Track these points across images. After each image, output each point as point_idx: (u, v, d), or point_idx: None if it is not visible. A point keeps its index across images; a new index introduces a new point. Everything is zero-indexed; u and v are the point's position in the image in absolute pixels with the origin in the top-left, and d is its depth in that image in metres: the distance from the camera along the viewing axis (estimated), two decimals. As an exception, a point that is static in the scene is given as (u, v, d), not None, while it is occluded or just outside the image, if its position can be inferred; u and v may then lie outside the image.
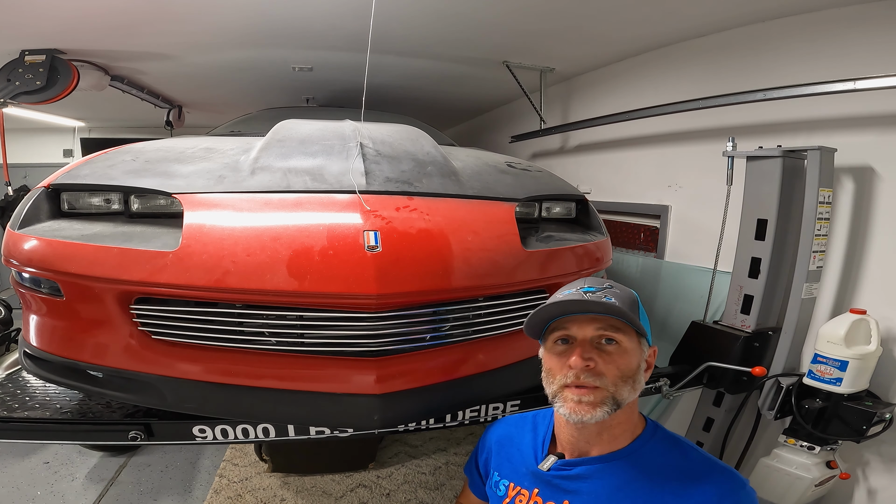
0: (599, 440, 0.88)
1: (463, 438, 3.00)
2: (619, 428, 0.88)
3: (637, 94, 2.62)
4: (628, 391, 0.84)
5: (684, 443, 0.90)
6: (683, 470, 0.84)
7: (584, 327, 0.86)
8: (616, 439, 0.88)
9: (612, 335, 0.85)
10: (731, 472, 0.84)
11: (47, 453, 2.78)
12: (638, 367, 0.86)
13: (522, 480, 0.95)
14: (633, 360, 0.85)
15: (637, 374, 0.86)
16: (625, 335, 0.85)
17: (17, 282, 1.29)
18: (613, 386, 0.83)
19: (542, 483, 0.92)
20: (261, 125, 2.25)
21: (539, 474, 0.92)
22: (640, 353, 0.87)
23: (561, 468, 0.90)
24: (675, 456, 0.86)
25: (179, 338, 1.18)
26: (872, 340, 1.46)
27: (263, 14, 2.20)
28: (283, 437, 1.32)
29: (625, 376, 0.84)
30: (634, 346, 0.86)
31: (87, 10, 2.09)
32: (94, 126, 5.55)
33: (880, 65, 1.51)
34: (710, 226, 2.03)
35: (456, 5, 2.07)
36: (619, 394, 0.83)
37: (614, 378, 0.83)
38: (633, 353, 0.86)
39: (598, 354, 0.84)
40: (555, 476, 0.90)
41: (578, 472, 0.88)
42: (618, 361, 0.84)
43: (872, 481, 1.61)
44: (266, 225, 1.17)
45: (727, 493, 0.80)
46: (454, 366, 1.30)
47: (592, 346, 0.85)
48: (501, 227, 1.35)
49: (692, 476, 0.82)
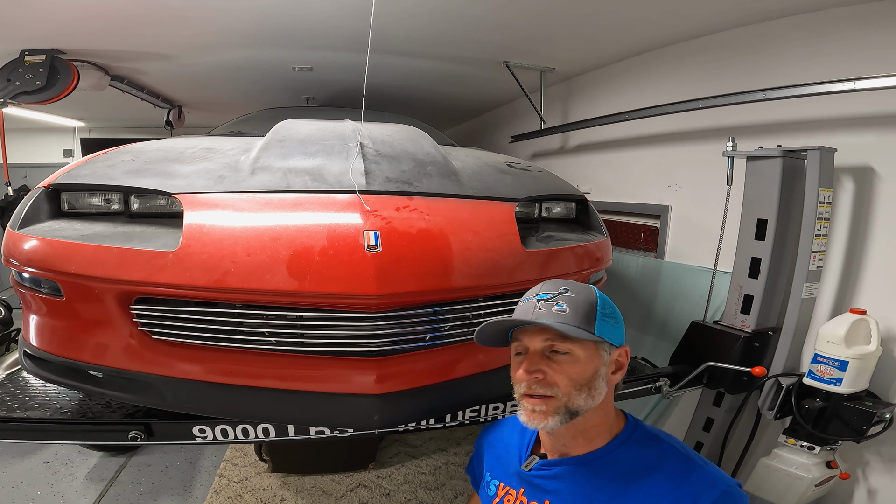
0: (575, 442, 0.89)
1: (463, 438, 3.00)
2: (593, 430, 0.89)
3: (637, 94, 2.62)
4: (584, 399, 0.84)
5: (665, 441, 0.89)
6: (658, 470, 0.83)
7: (533, 339, 0.86)
8: (593, 441, 0.89)
9: (559, 346, 0.85)
10: (708, 472, 0.82)
11: (47, 453, 2.78)
12: (594, 374, 0.85)
13: (510, 480, 0.97)
14: (587, 367, 0.85)
15: (593, 381, 0.85)
16: (575, 344, 0.84)
17: (17, 282, 1.29)
18: (566, 396, 0.83)
19: (525, 483, 0.93)
20: (261, 125, 2.25)
21: (523, 474, 0.94)
22: (598, 358, 0.86)
23: (542, 468, 0.92)
24: (652, 455, 0.86)
25: (179, 338, 1.18)
26: (872, 340, 1.46)
27: (263, 14, 2.20)
28: (283, 437, 1.32)
29: (578, 384, 0.83)
30: (589, 353, 0.85)
31: (86, 10, 2.09)
32: (94, 126, 5.54)
33: (880, 65, 1.51)
34: (710, 226, 2.03)
35: (456, 5, 2.07)
36: (572, 403, 0.83)
37: (566, 387, 0.83)
38: (588, 361, 0.85)
39: (547, 365, 0.85)
40: (536, 476, 0.92)
41: (557, 472, 0.89)
42: (569, 371, 0.84)
43: (872, 481, 1.61)
44: (266, 225, 1.17)
45: (700, 494, 0.78)
46: (454, 366, 1.30)
47: (542, 357, 0.86)
48: (501, 227, 1.35)
49: (667, 477, 0.82)
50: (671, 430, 2.20)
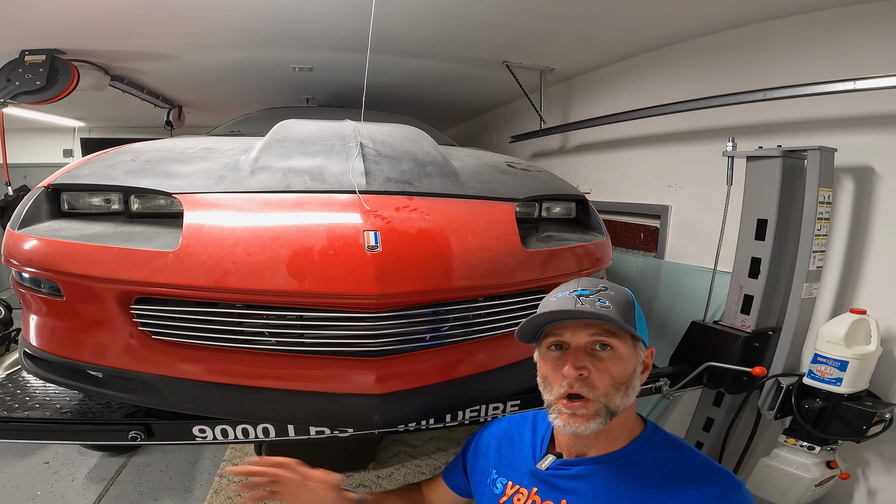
0: (597, 443, 0.89)
1: (463, 438, 2.98)
2: (616, 431, 0.88)
3: (637, 94, 2.62)
4: (621, 398, 0.83)
5: (682, 444, 0.90)
6: (680, 471, 0.83)
7: (577, 333, 0.85)
8: (614, 441, 0.88)
9: (607, 340, 0.84)
10: (727, 473, 0.84)
11: (47, 453, 2.78)
12: (633, 372, 0.86)
13: (521, 479, 0.95)
14: (627, 365, 0.85)
15: (631, 380, 0.85)
16: (619, 340, 0.84)
17: (17, 282, 1.29)
18: (605, 397, 0.82)
19: (540, 482, 0.92)
20: (261, 125, 2.25)
21: (537, 473, 0.92)
22: (636, 357, 0.87)
23: (559, 467, 0.90)
24: (672, 457, 0.86)
25: (179, 338, 1.17)
26: (872, 340, 1.46)
27: (263, 14, 2.20)
28: (283, 437, 1.32)
29: (617, 384, 0.83)
30: (630, 350, 0.85)
31: (86, 10, 2.09)
32: (94, 126, 5.54)
33: (880, 65, 1.51)
34: (710, 226, 2.03)
35: (456, 5, 2.07)
36: (611, 403, 0.82)
37: (606, 388, 0.82)
38: (629, 359, 0.85)
39: (591, 362, 0.83)
40: (553, 475, 0.90)
41: (576, 471, 0.88)
42: (611, 369, 0.83)
43: (872, 481, 1.61)
44: (266, 225, 1.17)
45: (723, 495, 0.80)
46: (454, 366, 1.30)
47: (586, 353, 0.84)
48: (501, 227, 1.35)
49: (689, 477, 0.82)
50: (671, 429, 2.17)
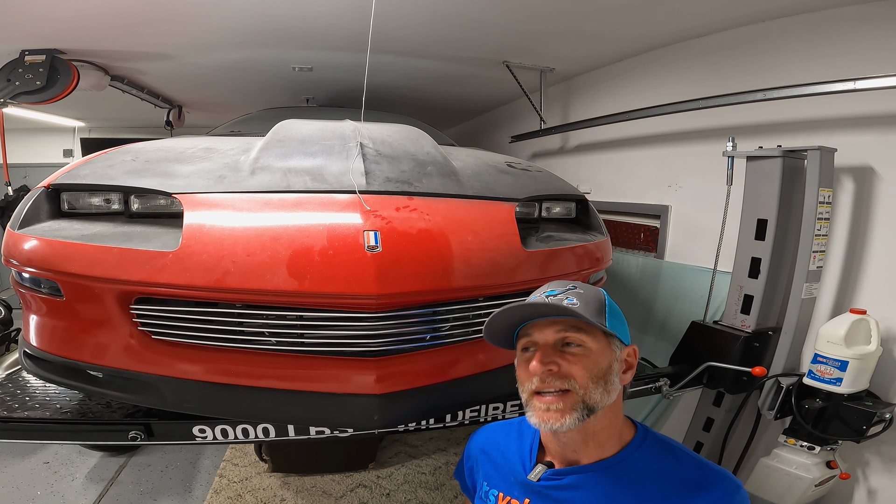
0: (586, 448, 0.85)
1: (463, 438, 3.00)
2: (603, 434, 0.85)
3: (637, 94, 2.62)
4: (600, 394, 0.81)
5: (676, 447, 0.88)
6: (677, 476, 0.82)
7: (544, 331, 0.84)
8: (603, 446, 0.85)
9: (574, 335, 0.83)
10: (724, 475, 0.82)
11: (47, 453, 2.78)
12: (609, 367, 0.83)
13: (512, 490, 0.91)
14: (600, 360, 0.83)
15: (608, 375, 0.83)
16: (588, 335, 0.83)
17: (17, 282, 1.29)
18: (583, 389, 0.80)
19: (532, 493, 0.88)
20: (261, 125, 2.25)
21: (529, 484, 0.89)
22: (610, 353, 0.84)
23: (551, 478, 0.87)
24: (667, 462, 0.84)
25: (179, 338, 1.18)
26: (872, 340, 1.46)
27: (263, 14, 2.20)
28: (283, 437, 1.32)
29: (594, 377, 0.81)
30: (602, 346, 0.84)
31: (86, 10, 2.09)
32: (94, 126, 5.55)
33: (880, 65, 1.51)
34: (710, 226, 2.03)
35: (456, 5, 2.07)
36: (589, 397, 0.80)
37: (583, 379, 0.80)
38: (601, 354, 0.83)
39: (560, 357, 0.82)
40: (545, 486, 0.87)
41: (569, 481, 0.85)
42: (583, 362, 0.81)
43: (872, 481, 1.61)
44: (266, 225, 1.17)
45: (722, 499, 0.79)
46: (454, 366, 1.30)
47: (555, 350, 0.83)
48: (501, 228, 1.35)
49: (686, 482, 0.81)
50: (671, 429, 2.20)
